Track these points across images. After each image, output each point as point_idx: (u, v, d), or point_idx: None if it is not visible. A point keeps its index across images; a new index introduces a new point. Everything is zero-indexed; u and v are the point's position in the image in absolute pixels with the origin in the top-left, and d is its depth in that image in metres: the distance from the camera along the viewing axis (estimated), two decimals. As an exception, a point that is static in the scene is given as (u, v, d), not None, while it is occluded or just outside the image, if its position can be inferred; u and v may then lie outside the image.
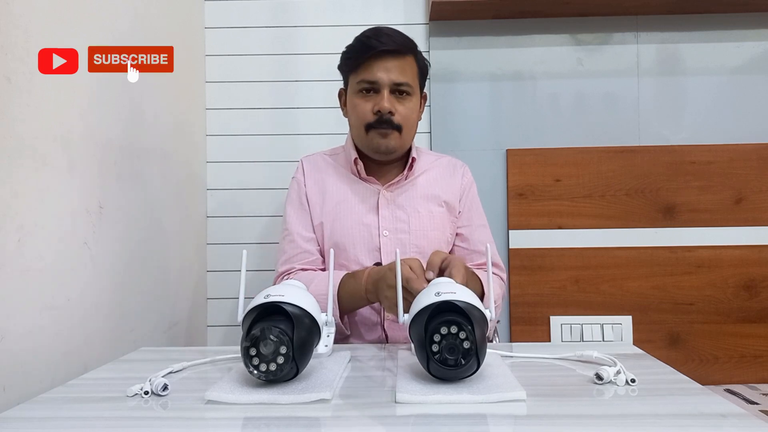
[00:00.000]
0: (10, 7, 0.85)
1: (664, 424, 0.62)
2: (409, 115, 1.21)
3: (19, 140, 0.86)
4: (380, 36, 1.18)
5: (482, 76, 1.76)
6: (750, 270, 1.67)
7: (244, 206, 1.77)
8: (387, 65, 1.18)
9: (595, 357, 0.85)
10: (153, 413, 0.69)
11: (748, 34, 1.72)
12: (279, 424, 0.64)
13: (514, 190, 1.71)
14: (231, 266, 1.76)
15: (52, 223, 0.94)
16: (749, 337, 1.66)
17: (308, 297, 0.79)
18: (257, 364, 0.71)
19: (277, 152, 1.77)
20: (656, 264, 1.68)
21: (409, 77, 1.20)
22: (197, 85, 1.73)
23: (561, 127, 1.74)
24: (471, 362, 0.71)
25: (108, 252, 1.12)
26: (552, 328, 1.68)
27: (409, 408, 0.68)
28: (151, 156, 1.35)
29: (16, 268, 0.84)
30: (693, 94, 1.73)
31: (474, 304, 0.74)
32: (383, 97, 1.17)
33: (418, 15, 1.77)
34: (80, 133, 1.03)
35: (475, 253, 1.27)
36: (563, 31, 1.75)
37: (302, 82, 1.77)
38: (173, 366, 0.84)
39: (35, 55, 0.90)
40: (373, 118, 1.18)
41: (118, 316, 1.16)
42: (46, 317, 0.92)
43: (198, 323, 1.70)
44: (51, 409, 0.72)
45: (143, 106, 1.31)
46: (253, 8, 1.77)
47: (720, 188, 1.68)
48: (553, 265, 1.69)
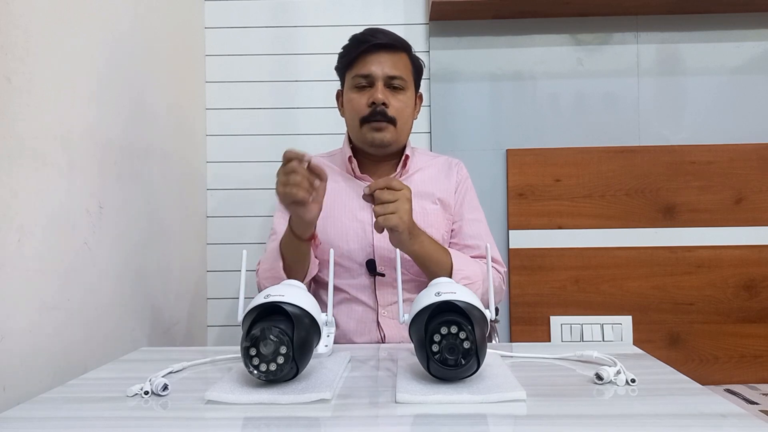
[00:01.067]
0: (10, 7, 0.85)
1: (664, 424, 0.62)
2: (403, 108, 1.22)
3: (19, 140, 0.86)
4: (374, 32, 1.23)
5: (482, 76, 1.76)
6: (750, 270, 1.67)
7: (244, 206, 1.77)
8: (381, 59, 1.21)
9: (595, 357, 0.85)
10: (153, 413, 0.69)
11: (748, 34, 1.72)
12: (279, 424, 0.64)
13: (514, 190, 1.71)
14: (231, 266, 1.76)
15: (52, 223, 0.94)
16: (749, 337, 1.66)
17: (308, 297, 0.79)
18: (257, 364, 0.71)
19: (277, 152, 1.74)
20: (656, 264, 1.68)
21: (402, 71, 1.22)
22: (197, 85, 1.73)
23: (561, 127, 1.74)
24: (471, 362, 0.71)
25: (108, 252, 1.12)
26: (552, 328, 1.68)
27: (409, 408, 0.68)
28: (151, 156, 1.35)
29: (16, 268, 0.84)
30: (693, 94, 1.73)
31: (474, 304, 0.74)
32: (377, 89, 1.20)
33: (418, 15, 1.77)
34: (80, 133, 1.03)
35: (466, 247, 1.26)
36: (563, 31, 1.75)
37: (302, 82, 1.77)
38: (173, 366, 0.84)
39: (35, 55, 0.90)
40: (368, 111, 1.20)
41: (118, 316, 1.16)
42: (46, 317, 0.92)
43: (198, 323, 1.70)
44: (51, 409, 0.71)
45: (143, 106, 1.31)
46: (253, 8, 1.77)
47: (720, 188, 1.68)
48: (553, 265, 1.69)
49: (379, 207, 1.04)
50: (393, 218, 1.03)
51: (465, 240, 1.27)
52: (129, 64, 1.24)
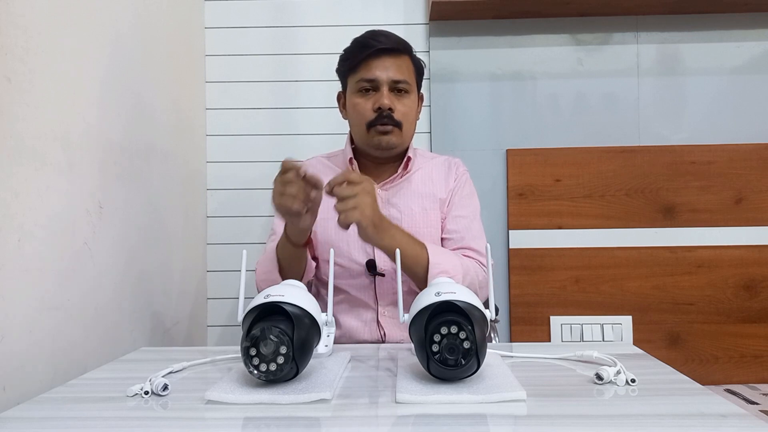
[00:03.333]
0: (10, 7, 0.85)
1: (664, 424, 0.62)
2: (408, 112, 1.23)
3: (19, 140, 0.86)
4: (377, 36, 1.22)
5: (482, 76, 1.76)
6: (750, 270, 1.67)
7: (244, 206, 1.77)
8: (385, 64, 1.20)
9: (595, 357, 0.85)
10: (153, 413, 0.69)
11: (748, 34, 1.73)
12: (279, 424, 0.64)
13: (514, 190, 1.71)
14: (231, 266, 1.76)
15: (52, 223, 0.94)
16: (749, 337, 1.66)
17: (308, 297, 0.79)
18: (257, 364, 0.71)
19: (277, 152, 1.77)
20: (656, 264, 1.68)
21: (406, 75, 1.22)
22: (197, 85, 1.73)
23: (561, 127, 1.74)
24: (471, 362, 0.71)
25: (108, 252, 1.12)
26: (552, 328, 1.68)
27: (409, 408, 0.68)
28: (151, 156, 1.35)
29: (16, 268, 0.84)
30: (693, 94, 1.73)
31: (474, 304, 0.74)
32: (383, 95, 1.19)
33: (418, 15, 1.77)
34: (80, 133, 1.03)
35: (444, 240, 1.25)
36: (563, 31, 1.75)
37: (302, 82, 1.77)
38: (173, 366, 0.84)
39: (35, 55, 0.90)
40: (374, 116, 1.20)
41: (118, 316, 1.16)
42: (46, 317, 0.91)
43: (198, 323, 1.70)
44: (51, 409, 0.72)
45: (143, 106, 1.31)
46: (253, 8, 1.77)
47: (720, 188, 1.68)
48: (553, 265, 1.69)
49: (339, 204, 1.00)
50: (354, 213, 1.00)
51: (445, 233, 1.25)
52: (129, 64, 1.24)
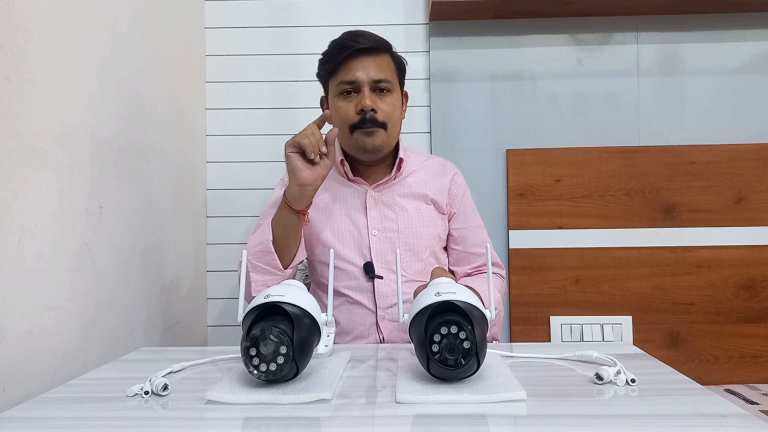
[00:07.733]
0: (10, 7, 0.85)
1: (664, 424, 0.62)
2: (392, 111, 1.21)
3: (19, 140, 0.86)
4: (355, 36, 1.20)
5: (482, 76, 1.76)
6: (750, 270, 1.67)
7: (244, 206, 1.77)
8: (364, 64, 1.19)
9: (595, 357, 0.85)
10: (153, 413, 0.69)
11: (748, 34, 1.72)
12: (279, 424, 0.64)
13: (514, 190, 1.71)
14: (231, 266, 1.76)
15: (52, 223, 0.94)
16: (749, 337, 1.66)
17: (308, 297, 0.79)
18: (257, 364, 0.71)
19: (277, 152, 1.76)
20: (656, 264, 1.68)
21: (387, 74, 1.20)
22: (197, 85, 1.73)
23: (561, 127, 1.74)
24: (471, 362, 0.71)
25: (108, 252, 1.12)
26: (552, 328, 1.68)
27: (409, 408, 0.68)
28: (151, 156, 1.35)
29: (16, 268, 0.84)
30: (693, 94, 1.73)
31: (474, 304, 0.74)
32: (365, 96, 1.18)
33: (418, 15, 1.77)
34: (80, 132, 1.03)
35: (471, 255, 1.28)
36: (563, 31, 1.75)
37: (302, 82, 1.77)
38: (173, 366, 0.84)
39: (35, 55, 0.90)
40: (357, 118, 1.18)
41: (117, 316, 1.16)
42: (46, 317, 0.91)
43: (198, 323, 1.70)
44: (51, 409, 0.72)
45: (143, 106, 1.31)
46: (253, 8, 1.77)
47: (720, 188, 1.68)
48: (553, 265, 1.69)
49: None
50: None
51: (471, 248, 1.28)
52: (129, 63, 1.24)
